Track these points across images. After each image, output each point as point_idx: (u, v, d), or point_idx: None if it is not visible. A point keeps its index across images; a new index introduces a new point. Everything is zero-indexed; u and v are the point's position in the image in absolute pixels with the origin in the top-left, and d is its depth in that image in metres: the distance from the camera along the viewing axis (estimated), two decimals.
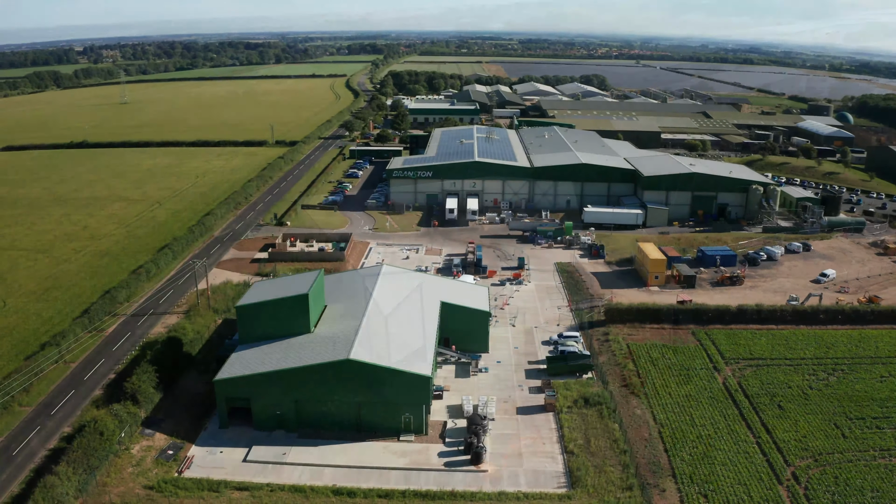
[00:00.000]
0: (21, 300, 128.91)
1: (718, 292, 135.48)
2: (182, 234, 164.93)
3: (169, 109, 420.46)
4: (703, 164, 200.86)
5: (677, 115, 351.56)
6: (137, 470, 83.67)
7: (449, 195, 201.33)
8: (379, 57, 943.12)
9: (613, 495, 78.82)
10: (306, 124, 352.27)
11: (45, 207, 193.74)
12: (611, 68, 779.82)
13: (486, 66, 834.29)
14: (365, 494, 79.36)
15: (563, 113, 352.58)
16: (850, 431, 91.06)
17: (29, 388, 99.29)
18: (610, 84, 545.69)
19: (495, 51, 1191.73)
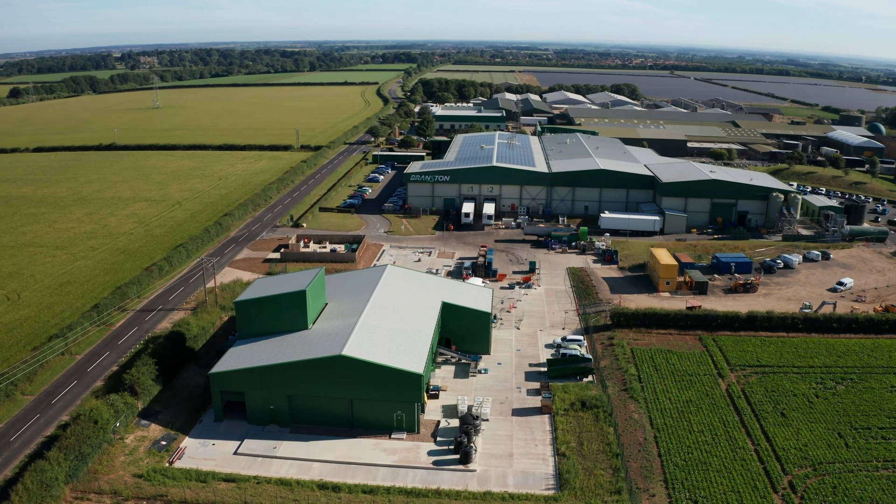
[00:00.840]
0: (35, 294, 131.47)
1: (731, 299, 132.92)
2: (198, 234, 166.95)
3: (199, 114, 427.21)
4: (723, 172, 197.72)
5: (705, 123, 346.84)
6: (129, 459, 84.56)
7: (466, 199, 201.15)
8: (412, 66, 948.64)
9: (601, 498, 77.46)
10: (333, 130, 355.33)
11: (68, 206, 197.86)
12: (643, 78, 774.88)
13: (519, 75, 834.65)
14: (350, 489, 79.13)
15: (589, 121, 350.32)
16: (854, 441, 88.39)
17: (32, 378, 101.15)
18: (641, 93, 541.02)
19: (529, 60, 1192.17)
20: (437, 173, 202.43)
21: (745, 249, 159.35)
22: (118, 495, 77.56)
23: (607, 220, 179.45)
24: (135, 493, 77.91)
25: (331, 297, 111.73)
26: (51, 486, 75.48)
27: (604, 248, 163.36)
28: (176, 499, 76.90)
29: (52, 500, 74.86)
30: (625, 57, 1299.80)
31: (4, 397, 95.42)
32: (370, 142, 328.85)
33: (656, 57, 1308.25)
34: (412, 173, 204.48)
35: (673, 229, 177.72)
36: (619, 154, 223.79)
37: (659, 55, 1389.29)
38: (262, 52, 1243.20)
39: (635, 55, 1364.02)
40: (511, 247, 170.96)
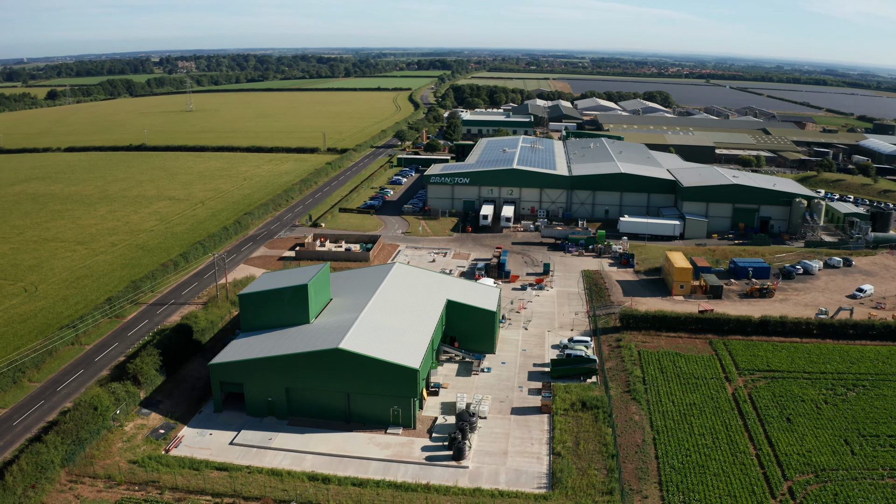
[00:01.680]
0: (52, 286, 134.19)
1: (746, 304, 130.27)
2: (216, 232, 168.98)
3: (231, 117, 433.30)
4: (746, 177, 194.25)
5: (734, 130, 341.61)
6: (127, 446, 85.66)
7: (485, 202, 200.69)
8: (447, 72, 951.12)
9: (592, 498, 76.23)
10: (361, 134, 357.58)
11: (93, 204, 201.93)
12: (677, 86, 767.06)
13: (553, 82, 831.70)
14: (339, 482, 79.06)
15: (618, 127, 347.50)
16: (861, 448, 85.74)
17: (40, 365, 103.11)
18: (674, 101, 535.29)
19: (565, 68, 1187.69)
20: (457, 175, 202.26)
21: (765, 255, 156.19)
22: (111, 480, 78.62)
23: (626, 224, 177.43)
24: (128, 478, 78.87)
25: (337, 293, 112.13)
26: (46, 468, 76.74)
27: (621, 251, 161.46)
28: (167, 485, 77.64)
29: (47, 483, 76.15)
30: (661, 66, 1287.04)
31: (11, 383, 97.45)
32: (397, 146, 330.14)
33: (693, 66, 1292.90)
34: (432, 175, 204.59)
35: (693, 234, 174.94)
36: (642, 159, 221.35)
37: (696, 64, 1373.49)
38: (299, 58, 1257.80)
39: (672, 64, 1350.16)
40: (527, 249, 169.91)
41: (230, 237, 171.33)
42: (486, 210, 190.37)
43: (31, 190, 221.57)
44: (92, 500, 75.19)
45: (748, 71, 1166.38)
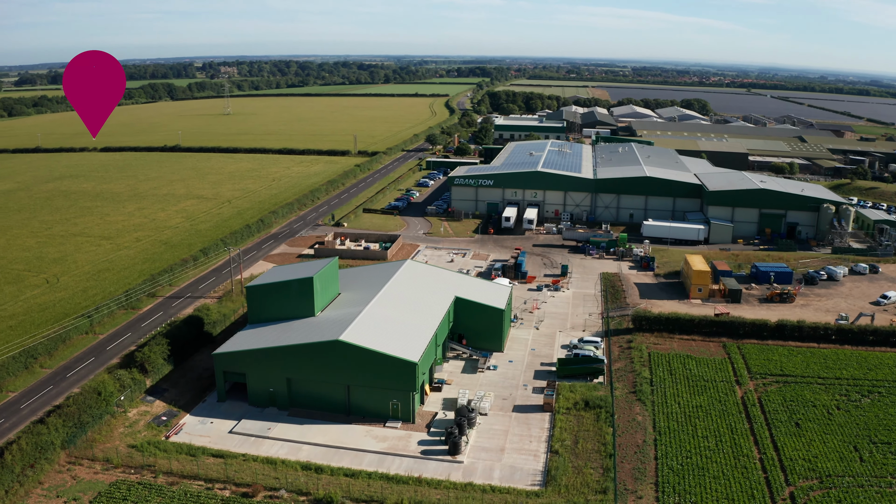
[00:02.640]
0: (74, 278, 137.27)
1: (765, 308, 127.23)
2: (238, 229, 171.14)
3: (267, 121, 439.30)
4: (774, 182, 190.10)
5: (769, 138, 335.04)
6: (128, 431, 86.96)
7: (509, 204, 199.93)
8: (486, 79, 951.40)
9: (584, 497, 74.90)
10: (394, 138, 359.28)
11: (123, 201, 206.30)
12: (717, 95, 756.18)
13: (592, 90, 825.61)
14: (332, 472, 79.10)
15: (652, 133, 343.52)
16: (870, 455, 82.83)
17: (53, 353, 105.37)
18: (711, 109, 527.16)
19: (605, 77, 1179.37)
20: (481, 177, 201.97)
21: (789, 260, 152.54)
22: (109, 463, 79.88)
23: (650, 228, 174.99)
24: (125, 461, 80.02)
25: (346, 287, 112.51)
26: (46, 449, 78.30)
27: (641, 254, 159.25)
28: (162, 469, 78.60)
29: (46, 463, 77.69)
30: (703, 75, 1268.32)
31: (23, 368, 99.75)
32: (428, 149, 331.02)
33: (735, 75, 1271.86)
34: (456, 177, 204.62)
35: (718, 239, 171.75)
36: (670, 163, 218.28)
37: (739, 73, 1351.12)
38: (341, 64, 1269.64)
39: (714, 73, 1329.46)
40: (548, 251, 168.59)
41: (252, 235, 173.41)
42: (509, 212, 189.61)
43: (63, 187, 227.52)
44: (88, 482, 76.44)
45: (791, 81, 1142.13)
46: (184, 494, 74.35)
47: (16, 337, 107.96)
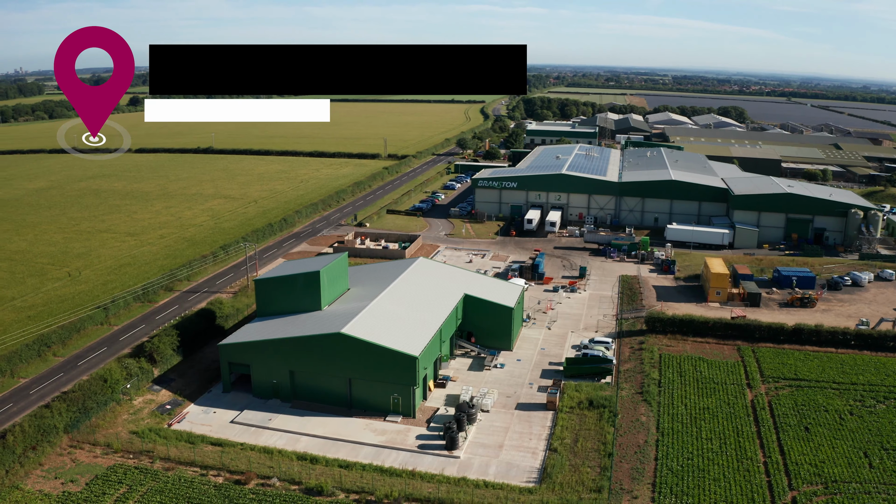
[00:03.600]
0: (95, 272, 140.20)
1: (784, 313, 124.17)
2: (261, 227, 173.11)
3: (302, 124, 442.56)
4: (801, 187, 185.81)
5: (804, 145, 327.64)
6: (132, 418, 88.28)
7: (533, 207, 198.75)
8: None
9: (578, 495, 73.73)
10: (425, 142, 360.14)
11: (151, 200, 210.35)
12: (756, 103, 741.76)
13: (630, 97, 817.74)
14: (327, 463, 79.23)
15: (685, 140, 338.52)
16: (881, 462, 79.97)
17: (67, 342, 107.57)
18: (748, 116, 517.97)
19: (644, 85, 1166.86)
20: (505, 180, 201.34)
21: (814, 265, 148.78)
22: (109, 447, 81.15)
23: (673, 232, 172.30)
24: (125, 447, 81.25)
25: (356, 283, 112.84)
26: (48, 432, 79.93)
27: (663, 258, 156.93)
28: (160, 455, 79.59)
29: (48, 445, 79.36)
30: (744, 84, 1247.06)
31: (36, 356, 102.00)
32: (458, 153, 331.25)
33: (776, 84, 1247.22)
34: (480, 179, 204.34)
35: (743, 244, 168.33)
36: (698, 168, 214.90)
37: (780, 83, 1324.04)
38: None
39: (755, 82, 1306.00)
40: (568, 253, 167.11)
41: (275, 233, 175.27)
42: (531, 215, 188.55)
43: (95, 186, 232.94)
44: (87, 465, 77.76)
45: (832, 90, 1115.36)
46: (178, 480, 75.16)
47: (33, 326, 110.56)
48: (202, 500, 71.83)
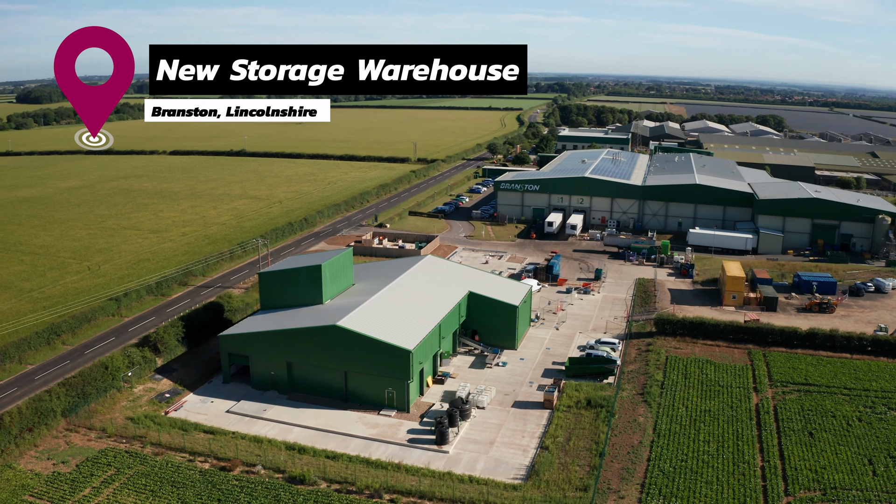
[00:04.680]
0: (114, 266, 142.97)
1: (801, 318, 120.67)
2: (281, 226, 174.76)
3: (336, 129, 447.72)
4: (829, 192, 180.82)
5: (840, 153, 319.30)
6: (130, 405, 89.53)
7: (555, 210, 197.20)
8: (563, 95, 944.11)
9: (563, 493, 72.38)
10: (457, 147, 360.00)
11: (178, 200, 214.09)
12: (796, 113, 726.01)
13: (670, 106, 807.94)
14: (315, 453, 79.20)
15: (719, 147, 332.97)
16: (886, 469, 76.91)
17: (77, 331, 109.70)
18: (787, 125, 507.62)
19: (686, 94, 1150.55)
20: (527, 182, 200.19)
21: (837, 272, 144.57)
22: (104, 432, 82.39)
23: (696, 236, 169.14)
24: (119, 431, 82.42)
25: (363, 279, 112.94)
26: (46, 415, 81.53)
27: (682, 261, 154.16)
28: (152, 441, 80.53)
29: (45, 428, 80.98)
30: (787, 94, 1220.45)
31: (45, 343, 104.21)
32: (488, 158, 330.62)
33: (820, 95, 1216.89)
34: (502, 182, 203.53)
35: (768, 249, 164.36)
36: (725, 173, 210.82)
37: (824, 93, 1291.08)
38: None
39: (799, 93, 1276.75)
40: (587, 256, 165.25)
41: (294, 232, 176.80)
42: (552, 217, 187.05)
43: (125, 186, 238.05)
44: (79, 447, 79.06)
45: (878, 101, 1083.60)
46: (165, 464, 75.92)
47: (45, 314, 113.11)
48: (186, 484, 72.40)
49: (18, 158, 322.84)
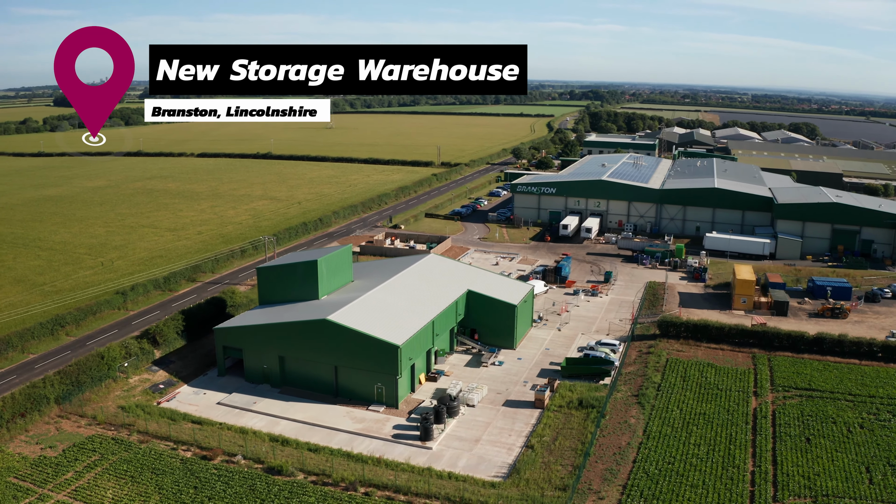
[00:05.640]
0: (126, 262, 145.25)
1: (812, 323, 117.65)
2: (294, 226, 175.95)
3: (365, 134, 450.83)
4: (851, 197, 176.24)
5: (870, 160, 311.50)
6: (124, 394, 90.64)
7: (572, 213, 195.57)
8: (596, 103, 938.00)
9: (542, 491, 71.20)
10: (483, 152, 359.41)
11: (199, 200, 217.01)
12: (832, 122, 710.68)
13: (704, 114, 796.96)
14: (297, 446, 79.26)
15: (747, 153, 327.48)
16: (883, 478, 74.17)
17: (81, 323, 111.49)
18: (820, 133, 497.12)
19: (721, 102, 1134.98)
20: (544, 185, 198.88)
21: (855, 278, 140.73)
22: (94, 419, 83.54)
23: (712, 241, 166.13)
24: (109, 419, 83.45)
25: (363, 276, 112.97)
26: (39, 401, 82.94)
27: (696, 265, 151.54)
28: (139, 429, 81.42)
29: (37, 414, 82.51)
30: (824, 103, 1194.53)
31: (49, 334, 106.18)
32: (513, 163, 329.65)
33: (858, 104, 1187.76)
34: (519, 184, 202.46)
35: (786, 254, 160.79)
36: (747, 177, 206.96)
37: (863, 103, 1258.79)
38: None
39: (837, 102, 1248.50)
40: (600, 259, 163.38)
41: (308, 232, 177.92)
42: (567, 221, 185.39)
43: (150, 186, 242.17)
44: (69, 433, 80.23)
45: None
46: (149, 452, 76.59)
47: (52, 304, 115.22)
48: (165, 471, 72.92)
49: (50, 159, 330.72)
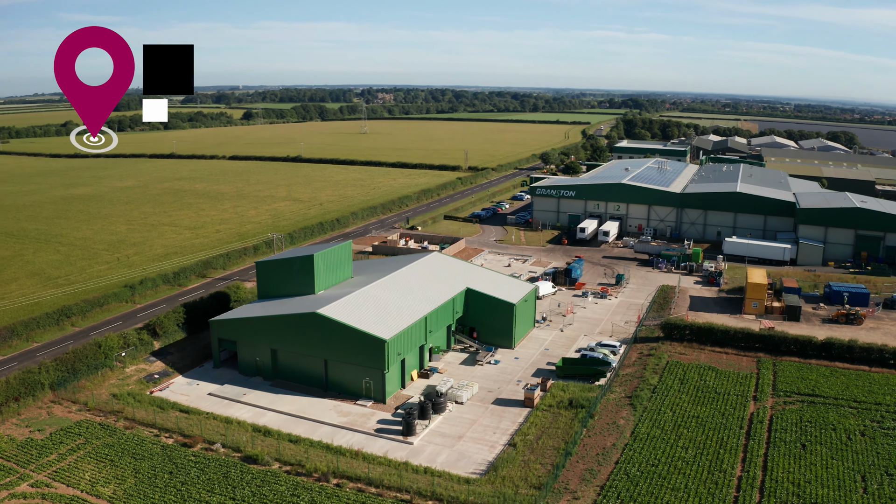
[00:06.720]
0: (142, 259, 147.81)
1: (824, 328, 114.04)
2: (310, 226, 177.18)
3: (397, 139, 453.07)
4: (876, 203, 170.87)
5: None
6: (119, 383, 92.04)
7: (591, 216, 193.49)
8: (634, 111, 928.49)
9: (516, 489, 69.94)
10: (514, 157, 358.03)
11: (224, 200, 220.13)
12: (872, 131, 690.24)
13: (743, 123, 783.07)
14: (279, 436, 79.52)
15: (780, 160, 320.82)
16: (879, 487, 71.06)
17: (87, 314, 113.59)
18: (858, 142, 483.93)
19: (762, 111, 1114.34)
20: (563, 188, 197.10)
21: (876, 284, 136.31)
22: (85, 406, 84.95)
23: (732, 245, 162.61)
24: (99, 406, 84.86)
25: (364, 272, 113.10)
26: (33, 386, 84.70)
27: (711, 269, 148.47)
28: (127, 416, 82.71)
29: (31, 399, 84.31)
30: (867, 113, 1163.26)
31: (54, 323, 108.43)
32: (540, 168, 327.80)
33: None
34: (538, 187, 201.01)
35: (807, 260, 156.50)
36: (772, 183, 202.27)
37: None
38: (495, 94, 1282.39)
39: (881, 112, 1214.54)
40: (615, 263, 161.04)
41: (325, 231, 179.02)
42: (585, 224, 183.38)
43: (177, 187, 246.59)
44: (59, 418, 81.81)
45: None
46: (132, 437, 77.64)
47: (59, 293, 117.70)
48: (145, 456, 73.77)
49: (85, 160, 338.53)
